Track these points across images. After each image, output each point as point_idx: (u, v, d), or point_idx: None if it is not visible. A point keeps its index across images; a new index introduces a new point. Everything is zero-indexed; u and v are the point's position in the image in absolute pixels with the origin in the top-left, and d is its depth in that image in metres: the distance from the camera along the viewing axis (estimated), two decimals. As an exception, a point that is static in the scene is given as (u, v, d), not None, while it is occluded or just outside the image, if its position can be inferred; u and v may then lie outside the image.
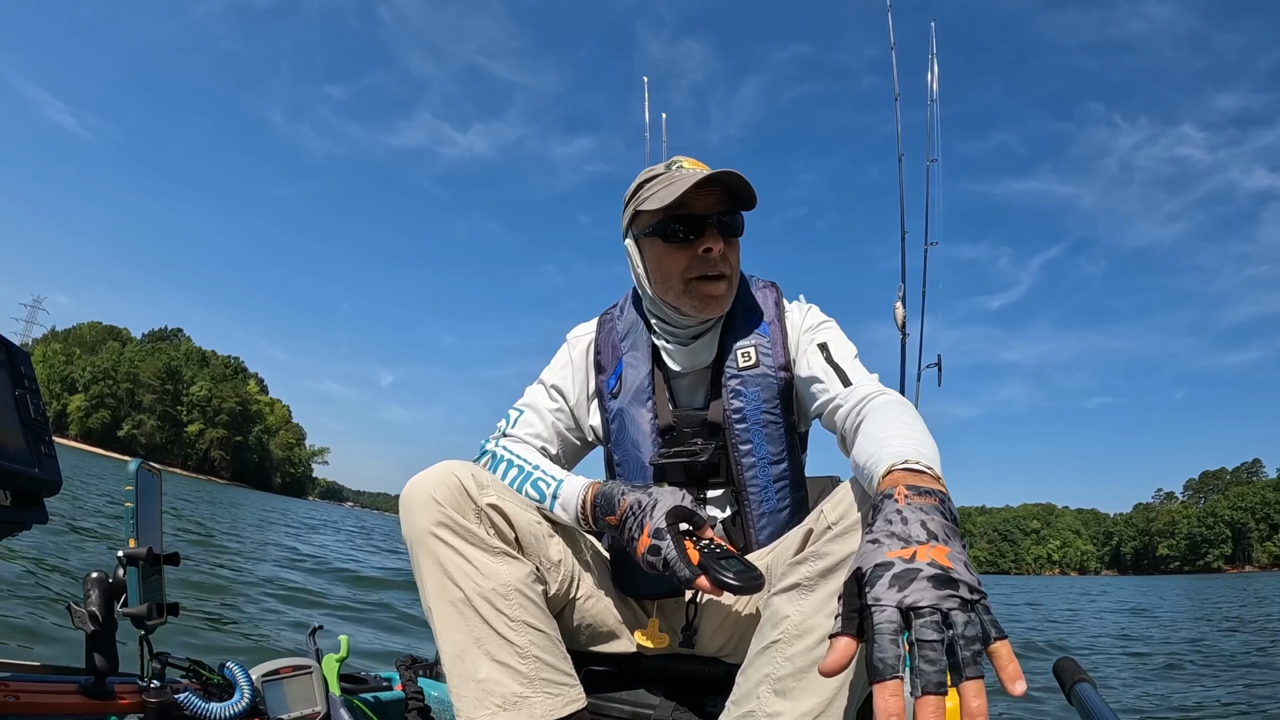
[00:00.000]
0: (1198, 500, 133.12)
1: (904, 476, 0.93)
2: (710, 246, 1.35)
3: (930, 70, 4.13)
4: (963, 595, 0.73)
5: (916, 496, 0.86)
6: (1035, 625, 12.61)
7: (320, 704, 1.47)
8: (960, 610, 0.71)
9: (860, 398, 1.25)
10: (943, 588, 0.73)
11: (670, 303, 1.42)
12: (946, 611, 0.71)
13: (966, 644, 0.70)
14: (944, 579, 0.73)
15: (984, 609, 0.73)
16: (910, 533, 0.80)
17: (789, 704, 1.10)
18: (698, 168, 1.41)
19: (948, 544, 0.79)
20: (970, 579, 0.74)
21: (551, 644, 1.25)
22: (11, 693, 1.09)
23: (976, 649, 0.70)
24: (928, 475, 0.94)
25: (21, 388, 1.11)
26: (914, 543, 0.79)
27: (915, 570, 0.75)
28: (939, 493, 0.88)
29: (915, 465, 0.95)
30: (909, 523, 0.82)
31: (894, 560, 0.77)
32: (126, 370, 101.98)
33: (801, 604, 1.13)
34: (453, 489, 1.22)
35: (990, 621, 0.72)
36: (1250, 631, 11.02)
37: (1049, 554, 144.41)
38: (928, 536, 0.80)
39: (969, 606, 0.72)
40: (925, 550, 0.77)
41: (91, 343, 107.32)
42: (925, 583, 0.73)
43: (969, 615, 0.71)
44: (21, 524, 1.09)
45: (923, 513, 0.83)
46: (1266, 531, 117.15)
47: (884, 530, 0.82)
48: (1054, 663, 1.34)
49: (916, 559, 0.76)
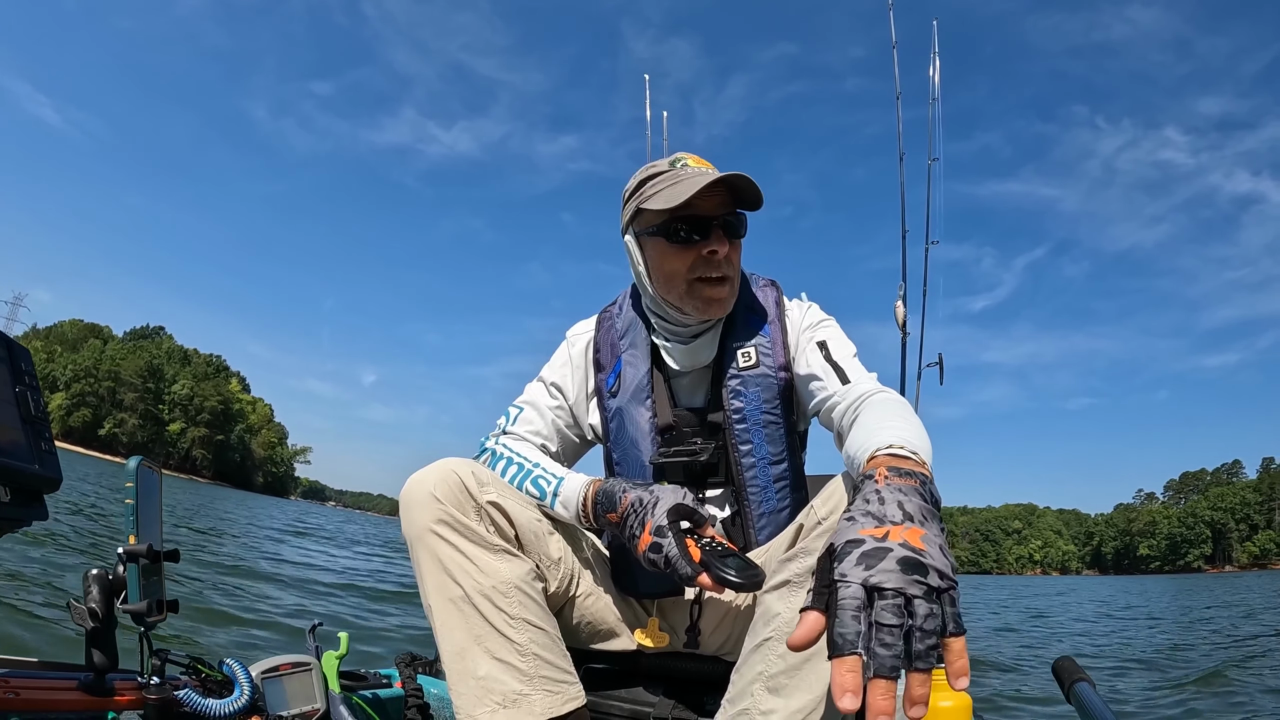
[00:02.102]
0: (1178, 501, 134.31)
1: (887, 459, 0.93)
2: (715, 249, 1.34)
3: (932, 66, 4.15)
4: (930, 582, 0.70)
5: (897, 478, 0.85)
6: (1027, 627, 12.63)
7: (320, 701, 1.47)
8: (924, 599, 0.69)
9: (857, 395, 1.25)
10: (911, 572, 0.71)
11: (672, 303, 1.41)
12: (910, 597, 0.69)
13: (923, 636, 0.68)
14: (913, 563, 0.71)
15: (950, 599, 0.71)
16: (886, 512, 0.79)
17: (782, 701, 1.11)
18: (703, 166, 1.39)
19: (924, 526, 0.78)
20: (942, 564, 0.73)
21: (551, 642, 1.25)
22: (11, 689, 1.08)
23: (932, 643, 0.68)
24: (912, 460, 0.93)
25: (22, 384, 1.10)
26: (888, 522, 0.78)
27: (885, 550, 0.73)
28: (920, 475, 0.88)
29: (900, 450, 0.96)
30: (885, 502, 0.81)
31: (865, 538, 0.75)
32: (108, 368, 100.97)
33: (792, 601, 1.13)
34: (453, 486, 1.22)
35: (952, 614, 0.71)
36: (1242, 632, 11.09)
37: (1030, 554, 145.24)
38: (903, 517, 0.78)
39: (934, 595, 0.70)
40: (899, 530, 0.76)
41: (73, 340, 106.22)
42: (893, 564, 0.71)
43: (932, 606, 0.69)
44: (22, 520, 1.09)
45: (901, 493, 0.82)
46: (1246, 532, 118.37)
47: (860, 509, 0.81)
48: (1053, 662, 1.35)
49: (889, 539, 0.75)
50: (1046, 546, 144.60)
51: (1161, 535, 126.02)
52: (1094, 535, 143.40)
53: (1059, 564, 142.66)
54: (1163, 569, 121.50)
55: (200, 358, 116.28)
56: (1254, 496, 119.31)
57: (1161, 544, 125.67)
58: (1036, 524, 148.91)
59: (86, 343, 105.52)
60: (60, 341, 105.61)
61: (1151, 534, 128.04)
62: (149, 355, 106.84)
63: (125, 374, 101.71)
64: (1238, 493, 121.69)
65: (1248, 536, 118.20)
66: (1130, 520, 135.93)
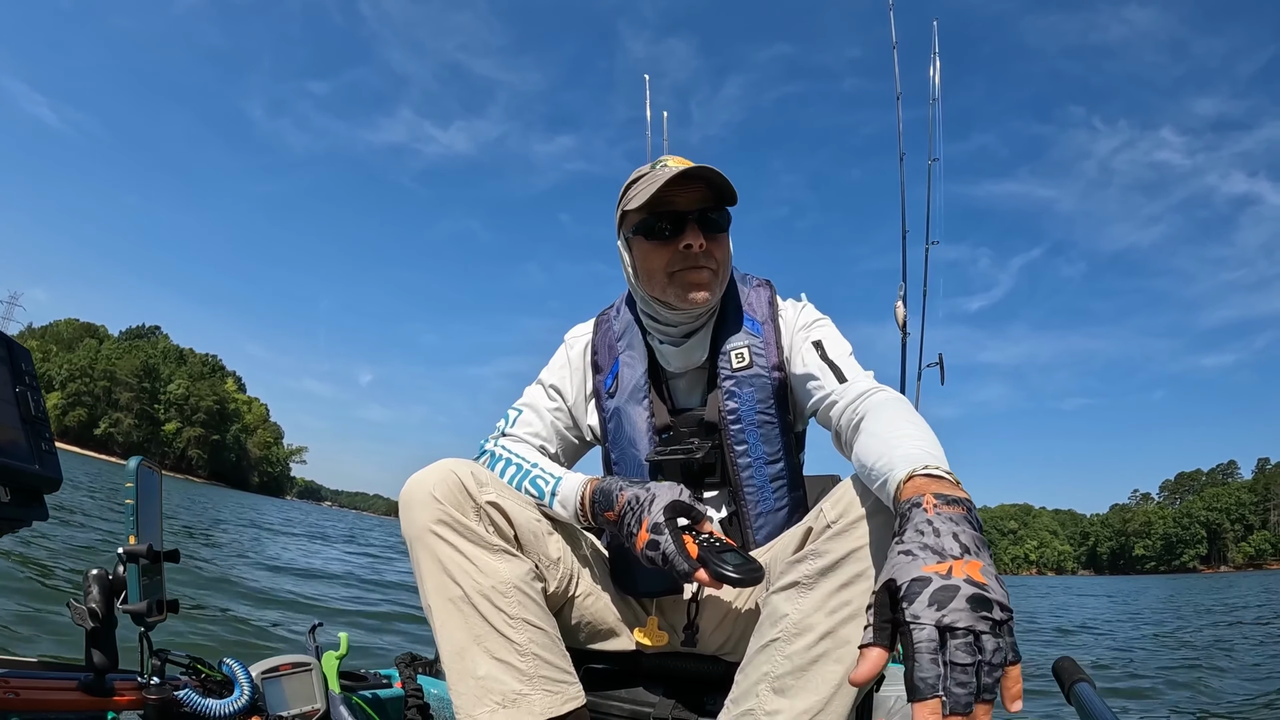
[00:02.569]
0: (1173, 501, 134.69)
1: (928, 484, 0.90)
2: (690, 242, 1.35)
3: (932, 66, 4.16)
4: (995, 616, 0.72)
5: (945, 506, 0.84)
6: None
7: (320, 701, 1.47)
8: (991, 635, 0.72)
9: (856, 394, 1.26)
10: (979, 609, 0.72)
11: (658, 298, 1.42)
12: (979, 634, 0.71)
13: (991, 670, 0.71)
14: (980, 599, 0.73)
15: (1009, 630, 0.73)
16: (944, 545, 0.79)
17: (787, 702, 1.11)
18: (684, 165, 1.40)
19: (979, 557, 0.78)
20: (1001, 596, 0.74)
21: (551, 641, 1.25)
22: (11, 689, 1.08)
23: (999, 676, 0.71)
24: (949, 481, 0.92)
25: (22, 384, 1.10)
26: (949, 556, 0.78)
27: (954, 588, 0.74)
28: (965, 501, 0.87)
29: (936, 471, 0.93)
30: (941, 534, 0.80)
31: (931, 575, 0.75)
32: (104, 368, 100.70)
33: (800, 602, 1.13)
34: (452, 487, 1.22)
35: (1011, 644, 0.73)
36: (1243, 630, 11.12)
37: (1026, 554, 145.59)
38: (961, 550, 0.78)
39: (999, 629, 0.72)
40: (961, 565, 0.76)
41: (68, 340, 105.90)
42: (964, 602, 0.72)
43: (999, 641, 0.72)
44: (22, 520, 1.09)
45: (953, 524, 0.82)
46: (1241, 532, 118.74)
47: (916, 542, 0.81)
48: (1053, 662, 1.35)
49: (953, 574, 0.75)
50: (1042, 547, 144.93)
51: (1157, 535, 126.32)
52: (1089, 535, 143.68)
53: (1054, 564, 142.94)
54: (1158, 569, 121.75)
55: (196, 357, 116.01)
56: (1249, 497, 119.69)
57: (1157, 544, 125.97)
58: (1032, 524, 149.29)
59: (82, 342, 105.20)
60: (56, 341, 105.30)
61: (1147, 534, 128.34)
62: (145, 355, 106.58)
63: (121, 373, 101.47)
64: (1233, 493, 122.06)
65: (1243, 537, 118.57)
66: (1126, 520, 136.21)
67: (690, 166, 1.35)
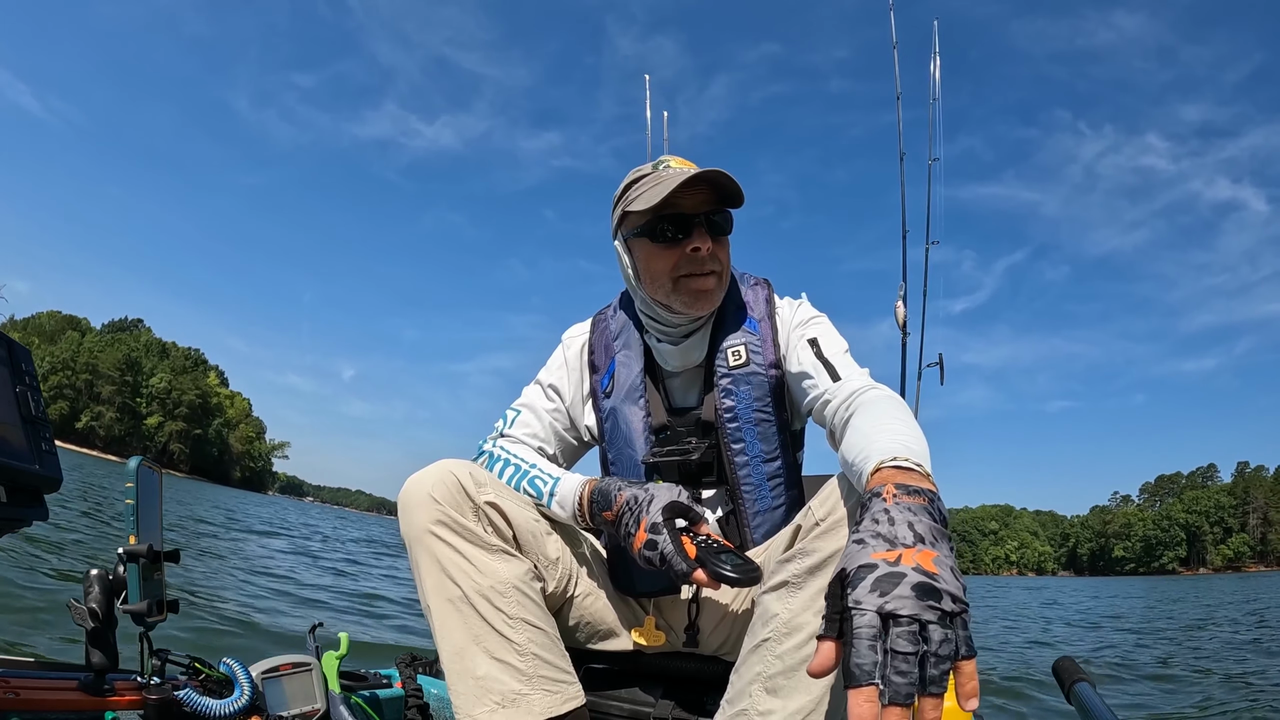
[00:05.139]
0: (1153, 504, 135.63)
1: (893, 474, 0.91)
2: (698, 246, 1.36)
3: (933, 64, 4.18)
4: (944, 607, 0.71)
5: (905, 495, 0.84)
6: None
7: (320, 701, 1.47)
8: (939, 625, 0.70)
9: (850, 392, 1.25)
10: (925, 597, 0.71)
11: (661, 301, 1.42)
12: (925, 623, 0.70)
13: (937, 661, 0.69)
14: (927, 588, 0.72)
15: (962, 623, 0.72)
16: (897, 534, 0.78)
17: (780, 702, 1.12)
18: (686, 166, 1.41)
19: (935, 547, 0.77)
20: (954, 587, 0.73)
21: (550, 641, 1.26)
22: (11, 689, 1.08)
23: (946, 668, 0.69)
24: (917, 473, 0.92)
25: (22, 384, 1.10)
26: (900, 545, 0.77)
27: (899, 575, 0.73)
28: (928, 492, 0.86)
29: (904, 463, 0.93)
30: (896, 523, 0.80)
31: (878, 562, 0.75)
32: (85, 361, 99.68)
33: (790, 601, 1.14)
34: (451, 487, 1.23)
35: (964, 638, 0.71)
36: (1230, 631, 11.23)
37: (1007, 555, 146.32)
38: (914, 539, 0.78)
39: (948, 620, 0.71)
40: (911, 554, 0.75)
41: (50, 332, 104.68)
42: (908, 589, 0.71)
43: (946, 631, 0.70)
44: (22, 520, 1.09)
45: (910, 513, 0.81)
46: (1220, 535, 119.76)
47: (870, 530, 0.80)
48: (1053, 662, 1.36)
49: (901, 562, 0.74)
50: (1023, 547, 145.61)
51: (1136, 537, 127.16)
52: (1070, 537, 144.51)
53: (1035, 565, 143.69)
54: (1137, 571, 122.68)
55: (179, 351, 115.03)
56: (1228, 500, 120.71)
57: (1136, 546, 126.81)
58: (1013, 525, 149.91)
59: (64, 335, 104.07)
60: (38, 333, 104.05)
61: (1127, 536, 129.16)
62: (127, 348, 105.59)
63: (103, 366, 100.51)
64: (1212, 496, 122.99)
65: (1222, 539, 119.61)
66: (1106, 522, 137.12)
67: (702, 170, 1.34)
